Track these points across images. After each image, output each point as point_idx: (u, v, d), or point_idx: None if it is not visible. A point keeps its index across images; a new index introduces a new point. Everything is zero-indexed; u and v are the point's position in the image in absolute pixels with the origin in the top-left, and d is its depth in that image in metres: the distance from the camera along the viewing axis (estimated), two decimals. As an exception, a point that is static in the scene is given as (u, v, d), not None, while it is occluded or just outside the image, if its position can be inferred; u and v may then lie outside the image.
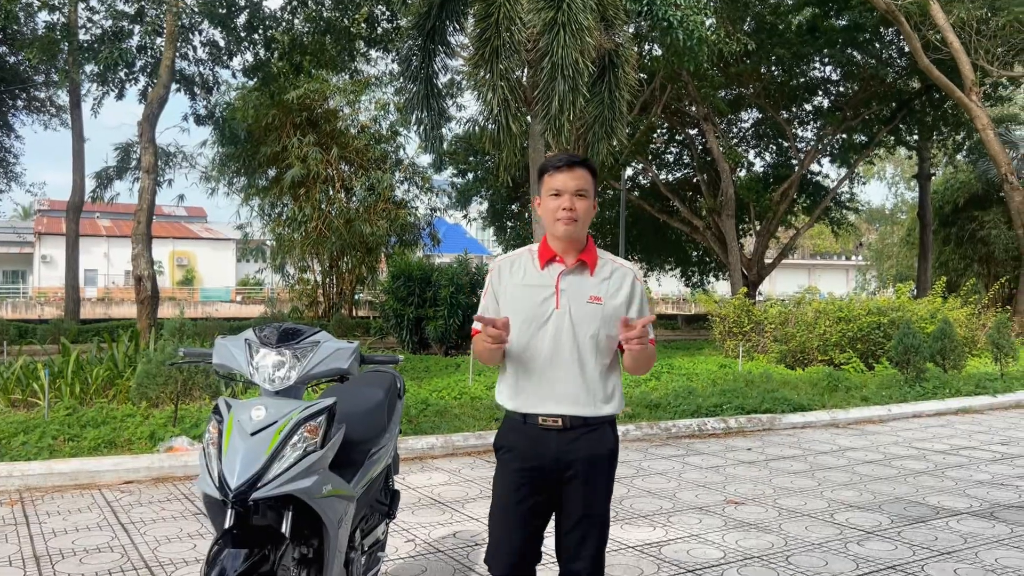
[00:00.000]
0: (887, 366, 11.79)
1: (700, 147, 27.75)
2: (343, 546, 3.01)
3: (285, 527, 2.75)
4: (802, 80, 26.13)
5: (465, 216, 31.68)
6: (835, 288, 61.60)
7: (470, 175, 30.87)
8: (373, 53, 19.12)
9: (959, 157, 28.64)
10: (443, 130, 26.57)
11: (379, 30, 16.75)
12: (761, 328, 14.23)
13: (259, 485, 2.62)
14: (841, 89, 26.43)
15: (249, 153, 22.42)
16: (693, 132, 27.44)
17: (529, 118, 12.83)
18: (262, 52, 17.01)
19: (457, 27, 13.28)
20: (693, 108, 24.39)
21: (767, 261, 26.93)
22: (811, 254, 63.73)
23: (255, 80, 18.53)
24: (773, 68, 25.33)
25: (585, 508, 2.68)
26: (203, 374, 6.78)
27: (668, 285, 47.02)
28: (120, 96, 16.98)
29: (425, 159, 30.28)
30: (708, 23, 14.56)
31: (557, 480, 2.67)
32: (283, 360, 2.88)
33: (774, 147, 29.54)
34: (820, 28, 23.27)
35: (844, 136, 26.25)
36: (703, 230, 26.79)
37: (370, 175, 23.58)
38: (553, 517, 2.77)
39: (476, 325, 2.70)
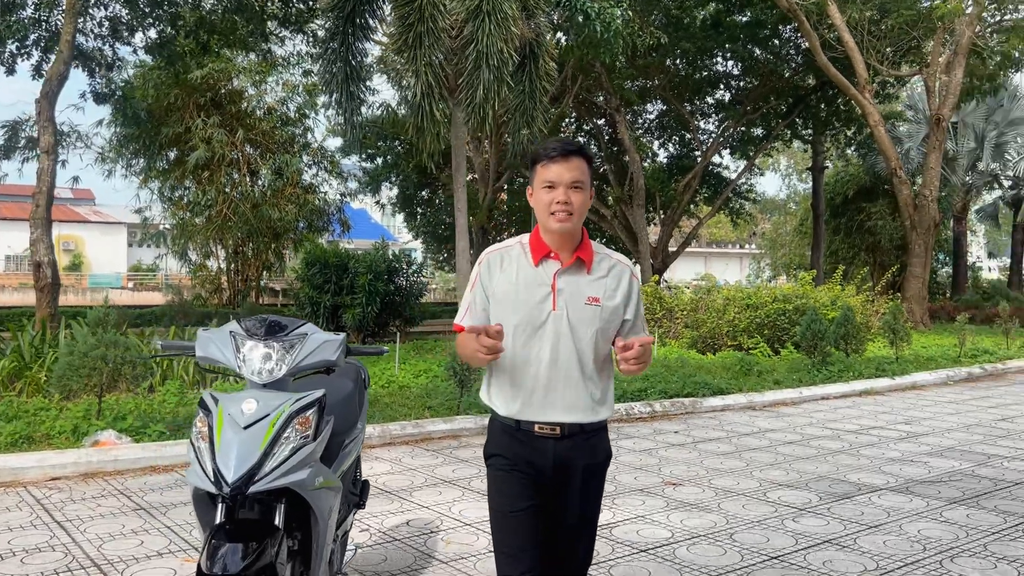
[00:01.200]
0: (792, 351, 12.38)
1: (607, 137, 28.24)
2: (331, 537, 3.02)
3: (278, 520, 2.74)
4: (705, 74, 26.91)
5: (378, 202, 31.31)
6: (730, 276, 63.72)
7: (379, 160, 30.58)
8: (286, 34, 18.59)
9: (849, 151, 30.11)
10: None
11: (293, 10, 16.34)
12: (672, 315, 14.67)
13: (256, 479, 2.60)
14: (742, 84, 27.32)
15: (149, 134, 21.51)
16: (600, 122, 27.89)
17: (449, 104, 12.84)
18: (168, 29, 16.33)
19: (377, 10, 13.11)
20: (602, 99, 24.79)
21: (671, 250, 27.68)
22: (707, 243, 65.76)
23: (158, 59, 17.79)
24: (678, 61, 25.97)
25: (581, 512, 2.61)
26: (130, 365, 6.54)
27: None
28: (11, 72, 16.01)
29: (333, 142, 29.81)
30: (621, 15, 14.82)
31: (552, 485, 2.58)
32: (271, 353, 2.86)
33: (677, 139, 30.34)
34: (723, 23, 24.03)
35: (744, 129, 27.21)
36: (611, 219, 27.34)
37: (277, 158, 23.02)
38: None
39: (460, 321, 2.62)
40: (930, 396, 10.31)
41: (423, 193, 32.36)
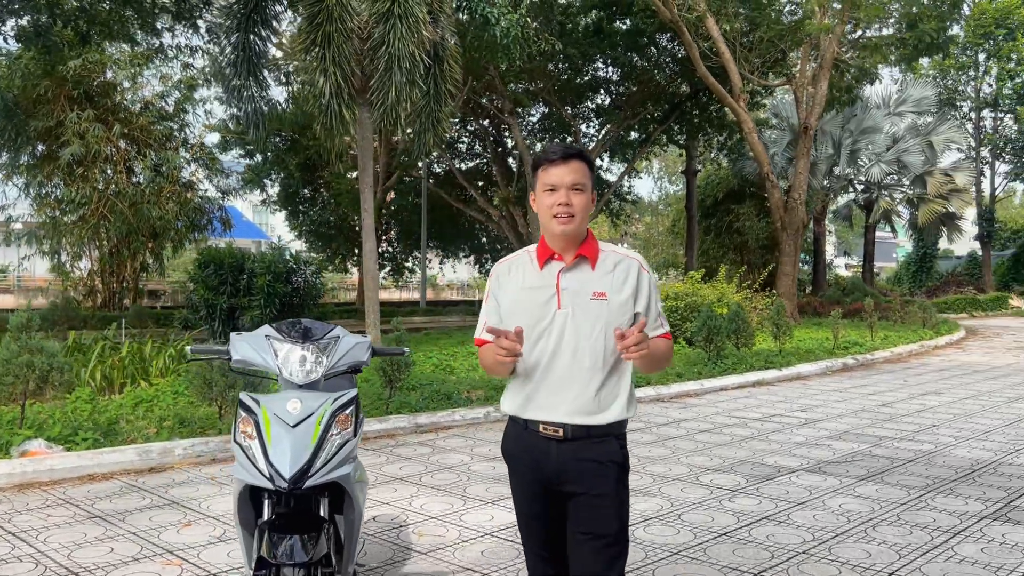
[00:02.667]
0: (684, 345, 13.10)
1: (492, 138, 28.65)
2: (361, 528, 3.18)
3: (323, 512, 2.88)
4: (587, 79, 27.73)
5: (264, 201, 30.58)
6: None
7: (259, 156, 29.87)
8: (178, 27, 17.95)
9: (718, 155, 31.75)
10: (234, 109, 25.54)
11: (186, 4, 15.82)
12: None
13: (310, 474, 2.74)
14: (621, 89, 28.31)
15: (15, 128, 20.24)
16: (486, 123, 28.25)
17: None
18: (43, 17, 15.48)
19: (277, 5, 12.95)
20: (494, 101, 25.14)
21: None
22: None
23: (31, 48, 16.81)
24: (561, 65, 26.64)
25: (590, 526, 2.47)
26: (58, 371, 6.33)
27: (462, 271, 48.01)
28: None
29: (212, 138, 28.87)
30: (520, 21, 15.18)
31: (558, 491, 2.52)
32: (307, 355, 3.00)
33: (558, 141, 31.10)
34: (605, 30, 24.88)
35: (623, 133, 28.22)
36: (498, 219, 27.77)
37: (157, 155, 22.12)
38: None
39: (480, 335, 2.65)
40: (815, 385, 11.21)
41: (306, 191, 31.85)
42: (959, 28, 28.22)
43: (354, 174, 31.86)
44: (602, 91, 28.80)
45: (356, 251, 32.97)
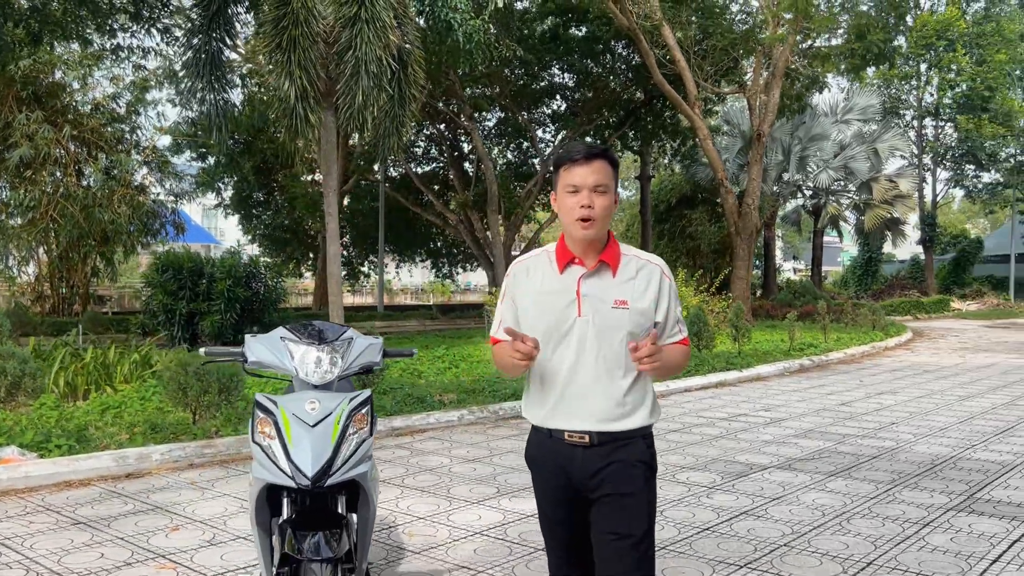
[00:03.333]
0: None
1: (449, 143, 28.69)
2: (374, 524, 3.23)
3: (341, 509, 2.94)
4: (543, 84, 27.95)
5: (220, 204, 30.18)
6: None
7: (211, 159, 29.48)
8: (135, 28, 17.64)
9: (671, 161, 32.24)
10: (190, 112, 25.17)
11: (145, 4, 15.58)
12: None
13: (331, 472, 2.80)
14: (577, 95, 28.60)
15: (-41, 129, 19.71)
16: (442, 127, 28.28)
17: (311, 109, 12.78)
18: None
19: (242, 10, 12.87)
20: (450, 105, 25.18)
21: (514, 253, 28.47)
22: (536, 246, 67.62)
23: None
24: (517, 71, 26.81)
25: (618, 528, 2.45)
26: (31, 377, 6.23)
27: (417, 276, 47.94)
28: None
29: (163, 141, 28.36)
30: (483, 27, 15.28)
31: (586, 496, 2.50)
32: (322, 356, 3.05)
33: (514, 146, 31.27)
34: (561, 37, 25.14)
35: (580, 139, 28.51)
36: (455, 223, 27.82)
37: (108, 157, 21.71)
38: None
39: (496, 334, 2.61)
40: (775, 386, 11.50)
41: (259, 195, 31.50)
42: (903, 39, 29.09)
43: (309, 177, 31.69)
44: (558, 97, 29.06)
45: (311, 255, 32.73)
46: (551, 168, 2.57)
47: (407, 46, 13.07)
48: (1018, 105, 33.54)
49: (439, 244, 33.52)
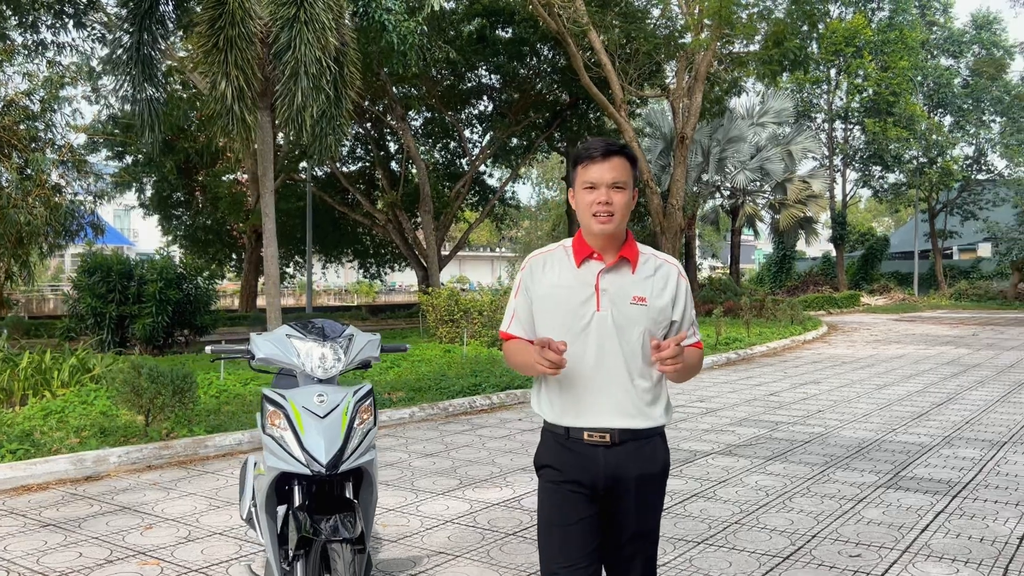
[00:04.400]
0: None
1: (375, 141, 28.61)
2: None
3: (349, 494, 3.12)
4: (471, 85, 28.17)
5: (141, 203, 29.38)
6: (482, 278, 65.98)
7: (129, 158, 28.73)
8: (57, 24, 17.10)
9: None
10: (109, 110, 24.47)
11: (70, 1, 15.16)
12: (469, 315, 15.51)
13: (343, 460, 2.98)
14: (504, 96, 28.91)
15: None
16: (368, 126, 28.20)
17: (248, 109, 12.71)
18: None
19: (169, 8, 12.70)
20: (375, 104, 25.15)
21: (444, 254, 28.61)
22: (454, 246, 67.77)
23: None
24: (444, 71, 26.94)
25: (637, 526, 2.49)
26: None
27: (343, 276, 47.50)
28: None
29: (78, 139, 27.47)
30: (417, 28, 15.41)
31: (606, 497, 2.47)
32: (327, 352, 3.22)
33: (441, 146, 31.38)
34: (488, 38, 25.39)
35: (507, 140, 28.83)
36: (384, 223, 27.79)
37: (22, 156, 20.97)
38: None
39: (508, 328, 2.58)
40: (706, 378, 12.00)
41: (178, 195, 30.83)
42: (815, 46, 30.37)
43: (231, 176, 31.14)
44: (485, 98, 29.33)
45: (235, 256, 32.18)
46: (571, 164, 2.57)
47: (343, 47, 13.14)
48: (920, 110, 35.40)
49: (367, 244, 33.39)
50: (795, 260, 42.77)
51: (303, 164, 26.18)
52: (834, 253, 39.90)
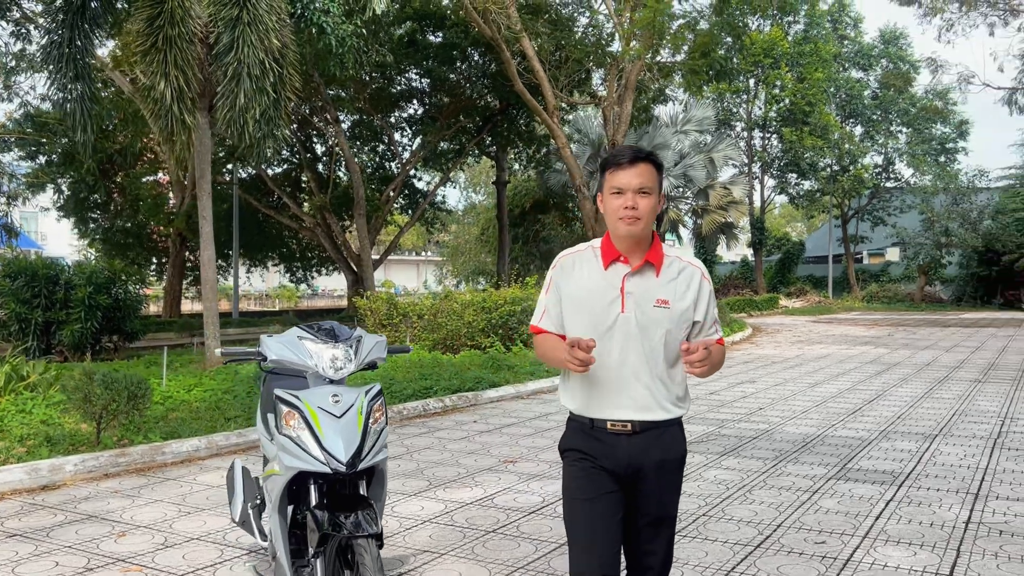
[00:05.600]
0: (522, 347, 13.87)
1: (301, 143, 28.24)
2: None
3: (363, 491, 3.18)
4: (402, 88, 28.09)
5: (57, 205, 28.23)
6: (408, 282, 65.53)
7: (43, 158, 27.63)
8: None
9: (522, 166, 33.19)
10: (44, 106, 23.48)
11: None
12: (409, 320, 15.51)
13: (362, 457, 3.05)
14: (434, 100, 28.92)
15: None
16: (295, 127, 27.80)
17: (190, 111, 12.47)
18: None
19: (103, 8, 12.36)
20: (301, 106, 24.83)
21: (375, 257, 28.45)
22: (384, 250, 67.24)
23: None
24: (373, 74, 26.79)
25: (658, 510, 2.65)
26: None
27: (266, 281, 46.52)
28: None
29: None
30: (354, 31, 15.34)
31: (629, 482, 2.62)
32: (338, 354, 3.28)
33: (368, 149, 31.17)
34: (418, 42, 25.41)
35: (437, 144, 28.85)
36: (312, 227, 27.45)
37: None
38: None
39: (538, 323, 2.71)
40: (647, 379, 12.29)
41: (96, 197, 29.76)
42: (736, 57, 31.34)
43: (151, 178, 30.28)
44: (415, 101, 29.27)
45: (156, 260, 31.24)
46: (598, 170, 2.73)
47: (283, 49, 13.01)
48: (833, 120, 36.89)
49: (293, 248, 32.87)
50: (716, 264, 43.94)
51: (229, 166, 25.69)
52: (753, 257, 41.16)
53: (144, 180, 29.26)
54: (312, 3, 13.70)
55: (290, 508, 3.32)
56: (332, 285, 56.68)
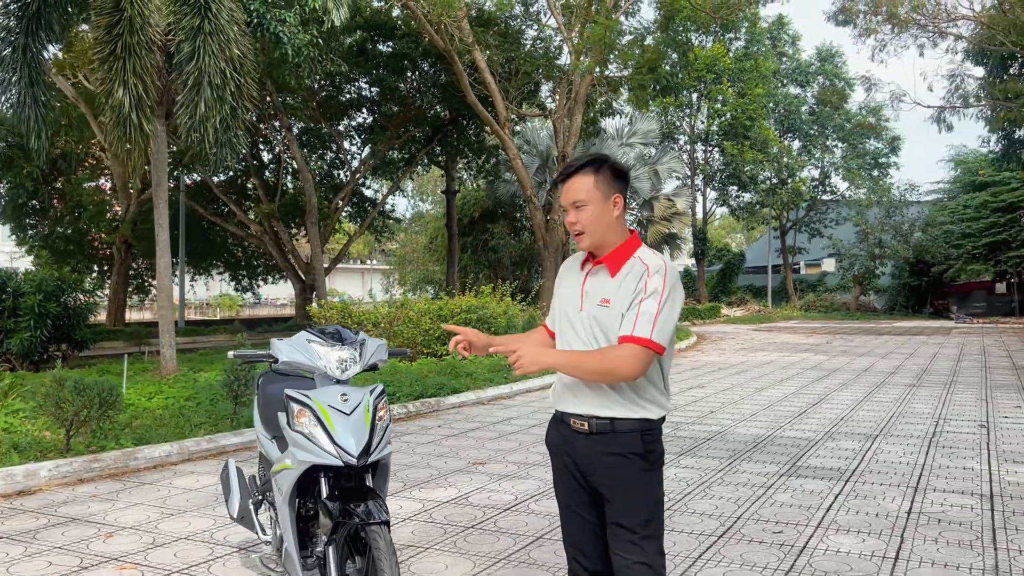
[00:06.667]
0: (476, 355, 14.11)
1: (249, 151, 28.02)
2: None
3: (370, 483, 3.40)
4: (352, 96, 28.13)
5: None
6: (353, 290, 65.00)
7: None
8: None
9: (470, 176, 33.50)
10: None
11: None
12: (364, 328, 15.63)
13: (371, 451, 3.27)
14: (384, 110, 29.01)
15: None
16: (240, 133, 27.55)
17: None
18: None
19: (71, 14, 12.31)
20: (249, 113, 24.68)
21: (324, 266, 28.34)
22: (334, 259, 66.76)
23: None
24: (322, 81, 26.76)
25: (616, 518, 2.61)
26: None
27: (211, 289, 45.76)
28: None
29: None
30: (311, 41, 15.43)
31: (588, 483, 2.66)
32: (345, 356, 3.50)
33: (316, 156, 31.05)
34: (368, 52, 25.54)
35: (387, 153, 28.95)
36: (260, 235, 27.28)
37: None
38: None
39: (546, 321, 2.93)
40: (601, 385, 12.65)
41: (34, 202, 29.06)
42: (680, 72, 32.17)
43: (92, 184, 29.70)
44: (364, 110, 29.33)
45: (98, 268, 30.62)
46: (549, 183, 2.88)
47: (242, 57, 13.08)
48: (772, 134, 38.06)
49: (238, 256, 32.57)
50: (660, 274, 44.79)
51: (174, 173, 25.38)
52: (695, 267, 42.10)
53: (86, 186, 28.73)
54: (268, 12, 13.81)
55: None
56: (275, 294, 56.05)
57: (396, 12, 26.17)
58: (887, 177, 41.14)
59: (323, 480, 3.34)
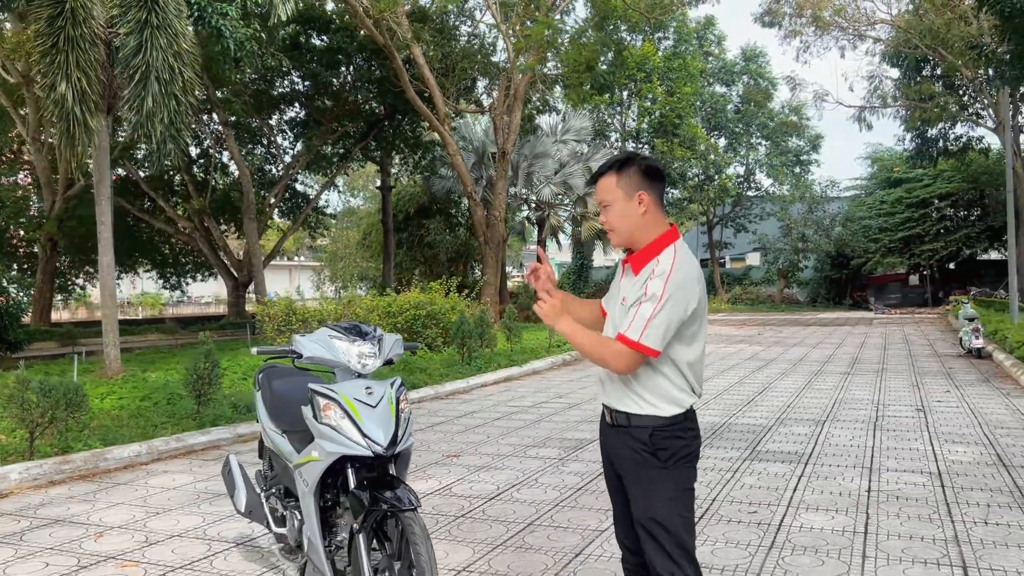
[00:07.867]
0: (426, 350, 14.21)
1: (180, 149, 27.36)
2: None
3: (393, 472, 3.52)
4: (284, 91, 27.73)
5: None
6: (280, 287, 64.06)
7: None
8: None
9: (412, 172, 33.39)
10: None
11: None
12: (308, 325, 15.52)
13: (397, 442, 3.40)
14: (317, 104, 28.67)
15: None
16: (184, 128, 26.94)
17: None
18: None
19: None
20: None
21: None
22: (267, 255, 65.51)
23: None
24: (254, 75, 26.30)
25: (632, 507, 2.74)
26: None
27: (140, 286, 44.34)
28: None
29: None
30: (253, 35, 15.23)
31: (616, 471, 2.82)
32: (365, 350, 3.60)
33: (246, 151, 30.45)
34: (302, 45, 25.24)
35: (321, 147, 28.65)
36: (190, 231, 26.69)
37: None
38: None
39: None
40: (552, 378, 12.92)
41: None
42: (616, 71, 32.66)
43: (11, 179, 28.56)
44: (297, 104, 28.92)
45: (17, 267, 29.45)
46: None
47: (189, 52, 12.86)
48: (700, 132, 38.97)
49: (166, 253, 31.71)
50: (592, 269, 45.43)
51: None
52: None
53: (4, 181, 27.62)
54: (210, 6, 13.59)
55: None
56: (200, 292, 54.78)
57: (331, 6, 25.94)
58: (809, 174, 42.59)
59: (351, 471, 3.44)
